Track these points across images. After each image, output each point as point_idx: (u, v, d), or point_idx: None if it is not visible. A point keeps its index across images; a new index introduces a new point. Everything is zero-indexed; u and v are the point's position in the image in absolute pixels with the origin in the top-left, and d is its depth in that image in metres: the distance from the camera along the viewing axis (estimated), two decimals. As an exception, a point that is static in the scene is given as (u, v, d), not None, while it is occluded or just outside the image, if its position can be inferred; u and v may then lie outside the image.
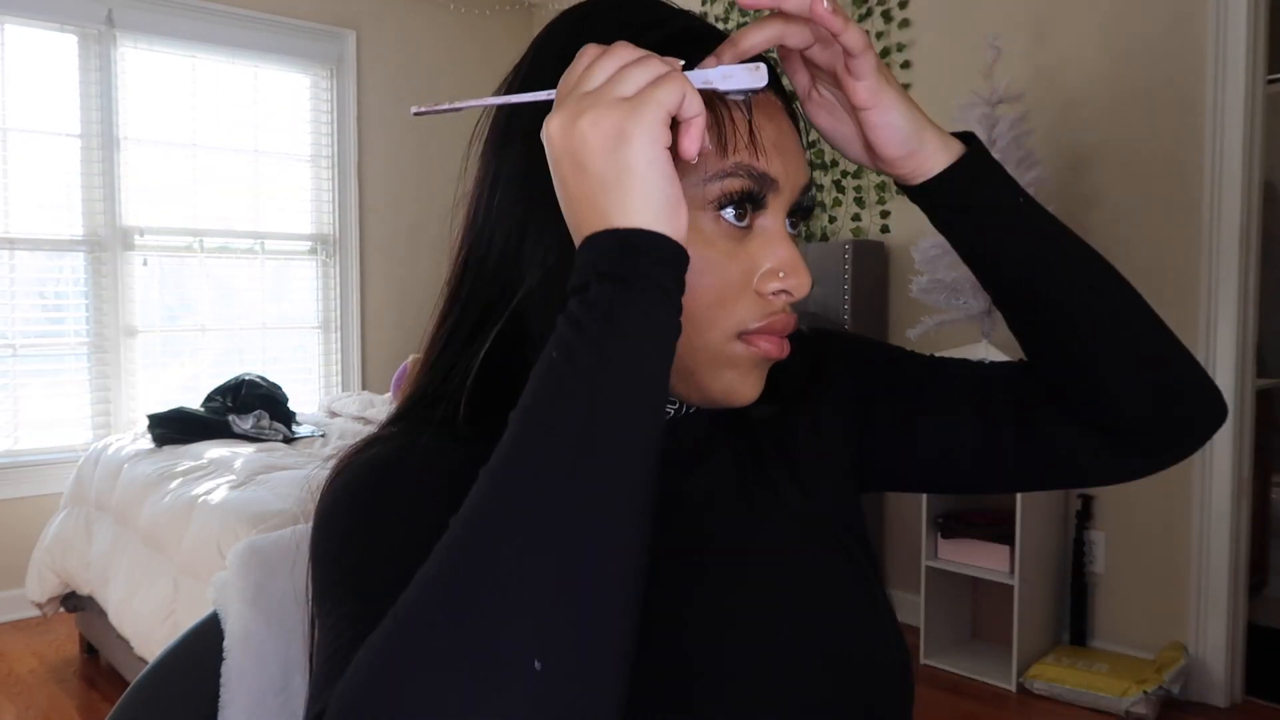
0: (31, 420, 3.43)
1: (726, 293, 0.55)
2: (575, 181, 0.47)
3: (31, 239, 3.40)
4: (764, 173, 0.55)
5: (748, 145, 0.54)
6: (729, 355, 0.56)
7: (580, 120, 0.46)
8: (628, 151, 0.46)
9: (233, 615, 0.67)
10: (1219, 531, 2.57)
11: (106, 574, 2.60)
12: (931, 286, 2.73)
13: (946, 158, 0.59)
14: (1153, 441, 0.63)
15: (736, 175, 0.54)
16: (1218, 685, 2.58)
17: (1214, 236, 2.54)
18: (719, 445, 0.65)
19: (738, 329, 0.56)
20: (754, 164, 0.54)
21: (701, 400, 0.59)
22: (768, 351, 0.57)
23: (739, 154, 0.54)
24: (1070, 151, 2.82)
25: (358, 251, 4.12)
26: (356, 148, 4.10)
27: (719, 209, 0.54)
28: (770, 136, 0.55)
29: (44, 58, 3.41)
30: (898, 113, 0.57)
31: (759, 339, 0.56)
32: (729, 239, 0.55)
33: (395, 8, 4.22)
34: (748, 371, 0.57)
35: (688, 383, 0.58)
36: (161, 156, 3.65)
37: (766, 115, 0.56)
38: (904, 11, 3.19)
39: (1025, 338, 0.65)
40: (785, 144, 0.56)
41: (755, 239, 0.56)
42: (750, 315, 0.56)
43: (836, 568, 0.64)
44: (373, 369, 4.19)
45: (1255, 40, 2.50)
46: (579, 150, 0.46)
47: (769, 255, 0.56)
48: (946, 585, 2.92)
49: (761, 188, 0.55)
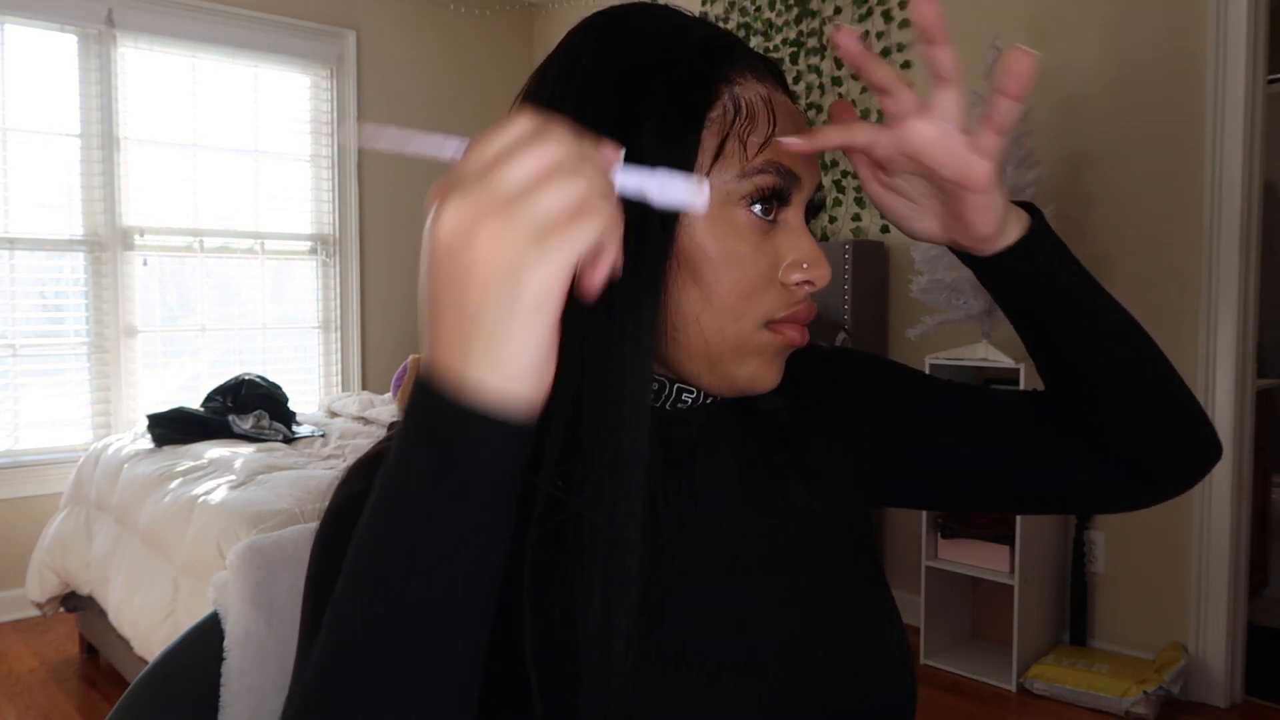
0: (31, 420, 3.43)
1: (756, 284, 0.57)
2: (448, 293, 0.41)
3: (31, 239, 3.40)
4: (790, 169, 0.57)
5: (774, 145, 0.57)
6: (756, 343, 0.58)
7: (480, 231, 0.40)
8: (518, 293, 0.40)
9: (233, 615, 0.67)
10: (1219, 531, 2.57)
11: (106, 574, 2.60)
12: (931, 286, 2.73)
13: (1019, 230, 0.62)
14: (1158, 478, 0.69)
15: (768, 171, 0.56)
16: (1218, 685, 2.58)
17: (1214, 236, 2.54)
18: (728, 438, 0.66)
19: (765, 318, 0.58)
20: (782, 161, 0.57)
21: (725, 388, 0.60)
22: (792, 339, 0.59)
23: (769, 151, 0.57)
24: (1070, 151, 2.82)
25: (358, 251, 4.12)
26: (356, 148, 4.10)
27: (750, 204, 0.57)
28: (792, 135, 0.57)
29: (44, 58, 3.41)
30: (997, 191, 0.58)
31: (784, 327, 0.59)
32: (757, 233, 0.57)
33: (395, 8, 4.22)
34: (771, 359, 0.60)
35: (714, 370, 0.59)
36: (161, 156, 3.65)
37: (788, 118, 0.58)
38: (904, 11, 3.19)
39: (1051, 381, 0.69)
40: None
41: (780, 233, 0.59)
42: (776, 305, 0.58)
43: (838, 567, 0.65)
44: (373, 369, 4.19)
45: (1255, 40, 2.50)
46: (467, 266, 0.40)
47: (793, 248, 0.58)
48: (946, 585, 2.92)
49: (788, 184, 0.57)
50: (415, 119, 4.28)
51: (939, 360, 2.81)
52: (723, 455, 0.65)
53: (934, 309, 2.79)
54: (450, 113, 4.36)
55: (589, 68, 0.58)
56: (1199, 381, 2.57)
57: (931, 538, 2.85)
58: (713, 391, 0.61)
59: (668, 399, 0.62)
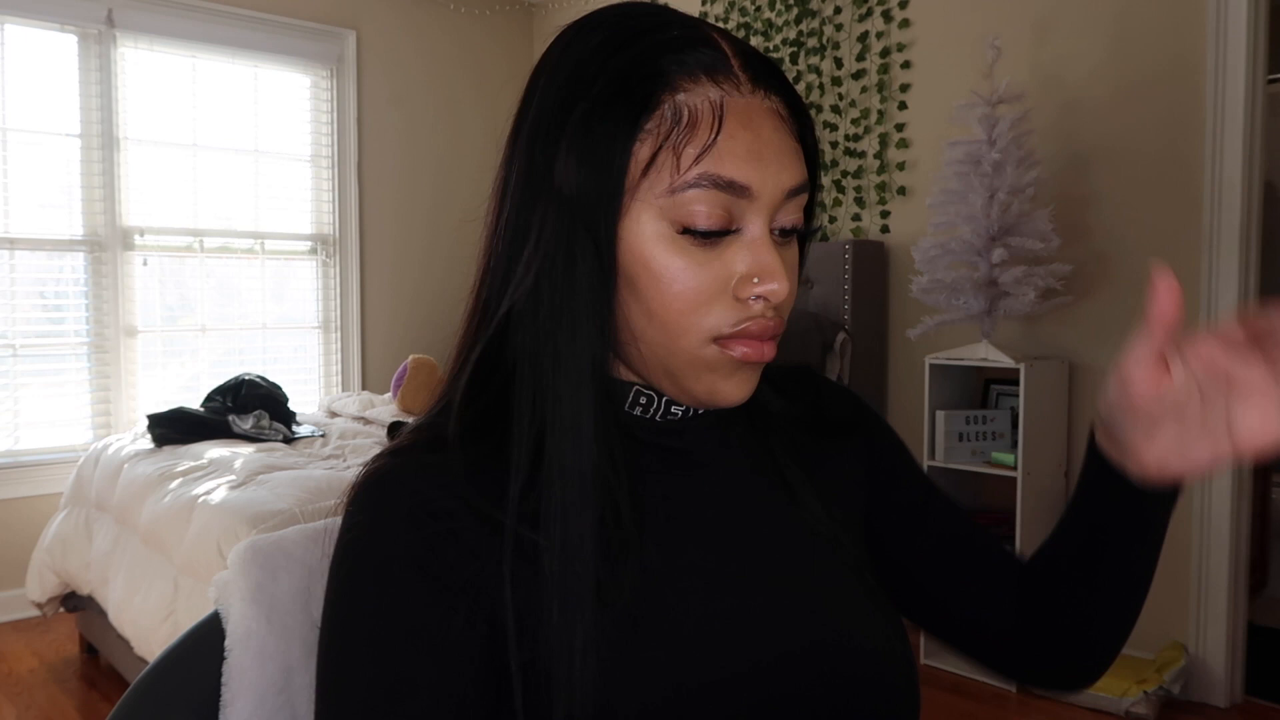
0: (31, 420, 3.43)
1: (698, 299, 0.55)
2: None
3: (31, 239, 3.40)
4: (731, 180, 0.54)
5: (716, 154, 0.54)
6: (705, 359, 0.57)
7: None
8: None
9: (234, 615, 0.67)
10: (1219, 531, 2.57)
11: (106, 574, 2.60)
12: (931, 286, 2.73)
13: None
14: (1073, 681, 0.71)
15: (700, 185, 0.53)
16: (1218, 685, 2.58)
17: (1214, 236, 2.54)
18: (729, 447, 0.65)
19: (712, 334, 0.56)
20: (719, 172, 0.53)
21: (690, 400, 0.60)
22: (745, 355, 0.57)
23: (704, 163, 0.53)
24: (1070, 151, 2.82)
25: (358, 251, 4.12)
26: (356, 148, 4.10)
27: (681, 230, 0.55)
28: (744, 143, 0.54)
29: (44, 58, 3.41)
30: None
31: (735, 343, 0.56)
32: (700, 246, 0.55)
33: (395, 8, 4.22)
34: (729, 374, 0.58)
35: (674, 383, 0.59)
36: (161, 156, 3.65)
37: (742, 122, 0.55)
38: (904, 11, 3.19)
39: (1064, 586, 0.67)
40: (763, 149, 0.55)
41: (731, 244, 0.56)
42: (724, 320, 0.56)
43: (840, 575, 0.65)
44: (373, 369, 4.19)
45: (1255, 40, 2.50)
46: None
47: (745, 260, 0.55)
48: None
49: (731, 195, 0.54)
50: (415, 119, 4.28)
51: (939, 360, 2.81)
52: (721, 464, 0.64)
53: (934, 309, 2.79)
54: (451, 113, 4.36)
55: (547, 77, 0.58)
56: (1199, 381, 2.57)
57: (931, 538, 2.85)
58: (681, 403, 0.61)
59: (657, 411, 0.62)
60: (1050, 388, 2.74)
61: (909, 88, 3.19)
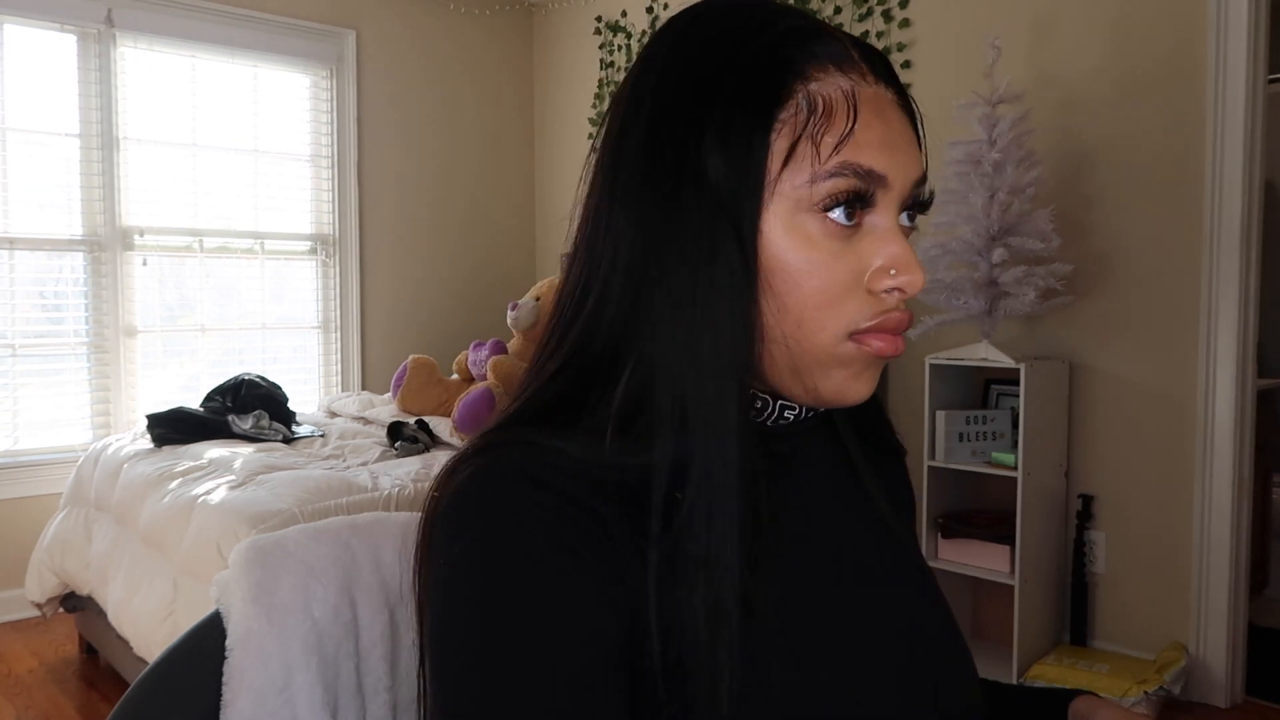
0: (31, 420, 3.43)
1: (835, 293, 0.54)
2: None
3: (31, 239, 3.39)
4: (870, 169, 0.53)
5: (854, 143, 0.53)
6: (840, 355, 0.55)
7: None
8: None
9: (235, 614, 0.67)
10: (1219, 531, 2.57)
11: (106, 574, 2.59)
12: (931, 286, 2.72)
13: None
14: None
15: (842, 174, 0.53)
16: (1218, 685, 2.58)
17: (1214, 236, 2.54)
18: (822, 450, 0.65)
19: (849, 329, 0.55)
20: (859, 162, 0.53)
21: (813, 400, 0.58)
22: (881, 350, 0.56)
23: (847, 151, 0.53)
24: (1070, 151, 2.82)
25: (358, 251, 4.12)
26: (356, 148, 4.10)
27: (825, 210, 0.53)
28: (878, 133, 0.54)
29: (44, 58, 3.41)
30: None
31: (871, 337, 0.55)
32: (836, 239, 0.54)
33: (395, 8, 4.22)
34: (860, 371, 0.57)
35: (799, 383, 0.57)
36: (161, 156, 3.65)
37: (874, 112, 0.54)
38: (904, 11, 3.19)
39: None
40: (895, 139, 0.55)
41: (865, 237, 0.55)
42: (861, 314, 0.55)
43: (920, 580, 0.66)
44: (373, 369, 4.19)
45: (1255, 40, 2.50)
46: None
47: (880, 253, 0.55)
48: (947, 585, 2.92)
49: (869, 185, 0.54)
50: (415, 119, 4.28)
51: (939, 360, 2.81)
52: (821, 468, 0.64)
53: (934, 309, 2.79)
54: (451, 113, 4.36)
55: (662, 73, 0.55)
56: (1199, 381, 2.58)
57: (932, 538, 2.85)
58: (801, 403, 0.59)
59: (770, 415, 0.60)
60: (1050, 388, 2.74)
61: (909, 88, 3.18)
